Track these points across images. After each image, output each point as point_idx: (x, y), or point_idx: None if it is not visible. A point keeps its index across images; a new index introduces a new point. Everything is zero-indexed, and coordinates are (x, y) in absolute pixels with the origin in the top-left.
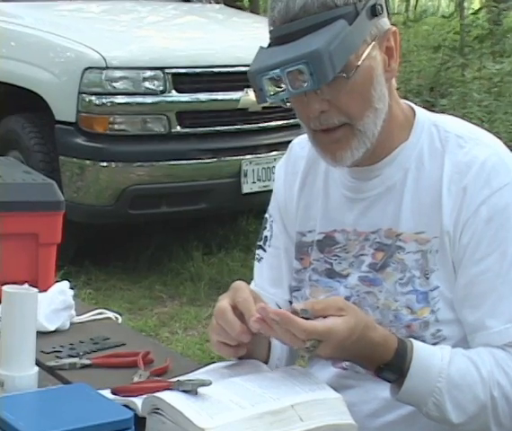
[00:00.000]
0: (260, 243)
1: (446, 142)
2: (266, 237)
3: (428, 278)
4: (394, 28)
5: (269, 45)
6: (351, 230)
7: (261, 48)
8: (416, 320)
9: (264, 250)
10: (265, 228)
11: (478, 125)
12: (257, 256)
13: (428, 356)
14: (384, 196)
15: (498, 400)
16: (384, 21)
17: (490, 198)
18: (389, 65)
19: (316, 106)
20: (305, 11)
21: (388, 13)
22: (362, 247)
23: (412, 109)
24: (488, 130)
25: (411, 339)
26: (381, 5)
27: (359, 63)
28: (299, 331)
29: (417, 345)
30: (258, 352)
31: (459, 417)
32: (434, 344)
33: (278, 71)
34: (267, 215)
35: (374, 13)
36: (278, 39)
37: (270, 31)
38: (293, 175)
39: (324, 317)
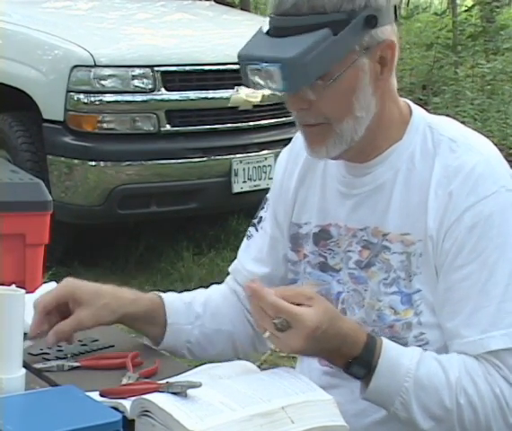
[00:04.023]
0: (254, 221)
1: (439, 145)
2: (261, 217)
3: (410, 281)
4: (392, 39)
5: (267, 31)
6: (343, 225)
7: (260, 30)
8: (399, 320)
9: (256, 230)
10: (262, 208)
11: (471, 123)
12: (248, 233)
13: (397, 355)
14: (374, 194)
15: (464, 407)
16: (382, 31)
17: (475, 206)
18: (381, 74)
19: (296, 103)
20: (296, 9)
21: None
22: (350, 243)
23: (410, 108)
24: (480, 129)
25: (382, 337)
26: (375, 17)
27: (342, 72)
28: (268, 306)
29: (386, 342)
30: None
31: (424, 419)
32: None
33: (257, 64)
34: (268, 196)
35: (367, 24)
36: (271, 29)
37: (269, 16)
38: (294, 165)
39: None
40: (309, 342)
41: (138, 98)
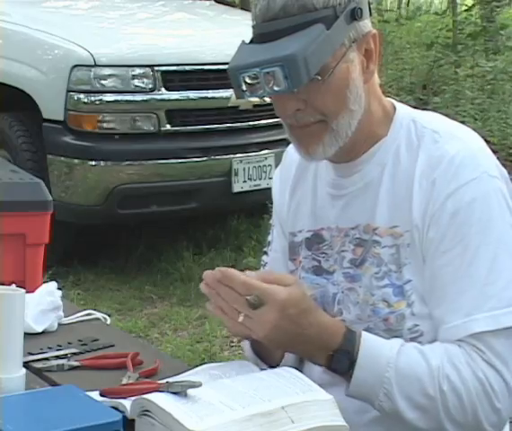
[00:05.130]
0: (265, 249)
1: (422, 137)
2: (269, 242)
3: (401, 272)
4: (375, 31)
5: (251, 40)
6: (334, 226)
7: (243, 43)
8: (392, 312)
9: (268, 256)
10: (269, 233)
11: (471, 123)
12: (262, 262)
13: (377, 346)
14: (363, 192)
15: (447, 394)
16: (365, 24)
17: (457, 192)
18: (367, 67)
19: (292, 105)
20: (285, 11)
21: (370, 14)
22: (343, 243)
23: (394, 105)
24: (481, 128)
25: (361, 330)
26: (360, 9)
27: (335, 66)
28: (239, 285)
29: (365, 334)
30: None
31: (409, 408)
32: (412, 339)
33: (255, 70)
34: (271, 221)
35: (353, 16)
36: (258, 37)
37: (253, 27)
38: (286, 179)
39: None
40: (283, 318)
41: (138, 98)
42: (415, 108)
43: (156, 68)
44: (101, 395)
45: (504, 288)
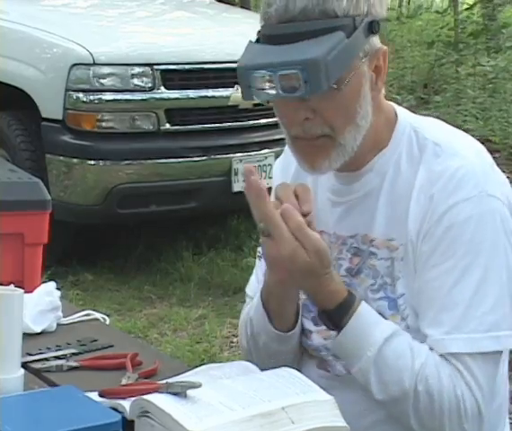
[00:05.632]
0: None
1: (424, 149)
2: None
3: (395, 286)
4: (385, 47)
5: (258, 40)
6: (332, 232)
7: (251, 42)
8: None
9: None
10: None
11: (472, 122)
12: (258, 253)
13: (370, 324)
14: (363, 201)
15: (421, 394)
16: (377, 39)
17: (453, 208)
18: (376, 84)
19: (301, 113)
20: (305, 15)
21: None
22: (340, 251)
23: (395, 112)
24: (482, 128)
25: (364, 303)
26: (378, 23)
27: (350, 77)
28: (260, 209)
29: (362, 308)
30: (286, 310)
31: (380, 392)
32: None
33: (270, 71)
34: None
35: (370, 30)
36: (271, 38)
37: (263, 27)
38: (286, 175)
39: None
40: (278, 265)
41: (138, 96)
42: (416, 107)
43: (156, 67)
44: (101, 396)
45: (487, 313)
